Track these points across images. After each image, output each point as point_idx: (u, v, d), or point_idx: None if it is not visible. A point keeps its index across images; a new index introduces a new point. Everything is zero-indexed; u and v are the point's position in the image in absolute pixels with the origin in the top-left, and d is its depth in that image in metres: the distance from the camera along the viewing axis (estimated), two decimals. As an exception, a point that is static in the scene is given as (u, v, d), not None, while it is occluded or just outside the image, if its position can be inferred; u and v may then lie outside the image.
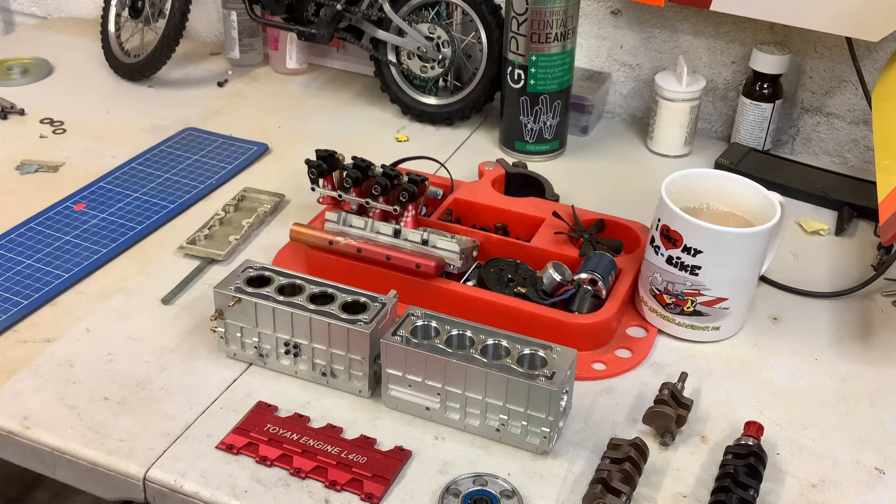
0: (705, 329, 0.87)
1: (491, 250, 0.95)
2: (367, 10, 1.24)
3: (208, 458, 0.74)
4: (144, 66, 1.37)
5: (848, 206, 1.09)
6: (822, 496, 0.73)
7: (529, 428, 0.75)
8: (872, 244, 1.05)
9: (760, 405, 0.82)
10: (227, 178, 1.14)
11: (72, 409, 0.79)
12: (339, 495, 0.71)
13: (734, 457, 0.72)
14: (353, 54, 1.42)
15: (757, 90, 1.18)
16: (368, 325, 0.78)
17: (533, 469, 0.74)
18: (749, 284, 0.88)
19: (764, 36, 1.20)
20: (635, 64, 1.30)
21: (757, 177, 0.95)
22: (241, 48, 1.44)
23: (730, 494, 0.69)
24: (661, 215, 0.86)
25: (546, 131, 1.20)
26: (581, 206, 1.00)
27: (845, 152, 1.23)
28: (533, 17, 1.12)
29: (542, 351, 0.76)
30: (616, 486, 0.68)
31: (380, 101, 1.34)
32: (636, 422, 0.79)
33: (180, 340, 0.87)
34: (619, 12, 1.27)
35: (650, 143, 1.24)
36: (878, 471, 0.75)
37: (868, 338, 0.91)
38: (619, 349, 0.87)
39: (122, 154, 1.19)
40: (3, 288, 0.93)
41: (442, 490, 0.71)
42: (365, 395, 0.81)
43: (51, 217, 1.05)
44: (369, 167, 0.95)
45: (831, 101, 1.21)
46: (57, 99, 1.34)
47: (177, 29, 1.33)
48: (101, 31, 1.42)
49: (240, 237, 1.01)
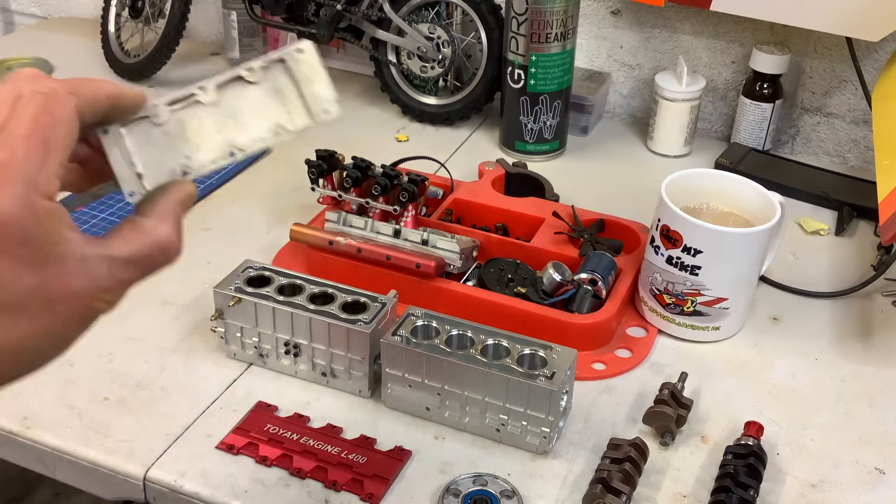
0: (705, 329, 0.87)
1: (491, 250, 0.95)
2: (367, 10, 1.24)
3: (208, 458, 0.74)
4: (144, 66, 1.36)
5: (848, 206, 1.09)
6: (822, 496, 0.73)
7: (529, 428, 0.75)
8: (872, 244, 1.05)
9: (760, 405, 0.82)
10: (228, 177, 1.14)
11: (72, 409, 0.79)
12: (339, 495, 0.71)
13: (734, 457, 0.72)
14: (353, 54, 1.42)
15: (757, 90, 1.18)
16: (368, 325, 0.78)
17: (533, 469, 0.74)
18: (749, 284, 0.88)
19: (764, 36, 1.20)
20: (635, 64, 1.30)
21: (757, 177, 0.95)
22: (241, 48, 1.44)
23: (730, 494, 0.69)
24: (661, 215, 0.86)
25: (546, 131, 1.20)
26: (581, 206, 1.00)
27: (845, 152, 1.23)
28: (533, 17, 1.12)
29: (542, 351, 0.75)
30: (616, 486, 0.68)
31: (380, 101, 1.34)
32: (636, 422, 0.79)
33: (180, 340, 0.87)
34: (619, 12, 1.27)
35: (650, 143, 1.24)
36: (878, 471, 0.75)
37: (868, 338, 0.91)
38: (619, 349, 0.87)
39: (122, 154, 1.19)
40: (3, 288, 0.93)
41: (442, 490, 0.71)
42: (365, 395, 0.81)
43: (51, 217, 1.05)
44: (369, 167, 0.95)
45: (831, 101, 1.21)
46: (57, 99, 1.34)
47: (177, 29, 1.33)
48: (101, 31, 1.42)
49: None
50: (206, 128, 0.48)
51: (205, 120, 0.48)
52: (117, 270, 0.42)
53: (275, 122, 0.49)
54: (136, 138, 0.48)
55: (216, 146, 0.49)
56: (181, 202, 0.47)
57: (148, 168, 0.48)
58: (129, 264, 0.43)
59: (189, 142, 0.48)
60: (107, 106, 0.45)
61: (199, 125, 0.48)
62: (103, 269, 0.42)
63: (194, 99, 0.48)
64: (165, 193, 0.47)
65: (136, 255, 0.43)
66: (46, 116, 0.41)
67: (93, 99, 0.44)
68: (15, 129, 0.40)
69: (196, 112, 0.48)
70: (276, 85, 0.49)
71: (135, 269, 0.43)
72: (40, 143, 0.40)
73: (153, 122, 0.48)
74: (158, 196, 0.47)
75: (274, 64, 0.49)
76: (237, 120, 0.49)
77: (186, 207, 0.47)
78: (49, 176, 0.40)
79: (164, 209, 0.46)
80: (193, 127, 0.48)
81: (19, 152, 0.39)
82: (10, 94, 0.41)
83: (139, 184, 0.48)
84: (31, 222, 0.39)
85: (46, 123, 0.40)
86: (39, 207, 0.39)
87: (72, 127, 0.42)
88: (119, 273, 0.43)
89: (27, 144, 0.39)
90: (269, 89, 0.49)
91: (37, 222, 0.39)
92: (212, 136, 0.48)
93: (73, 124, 0.42)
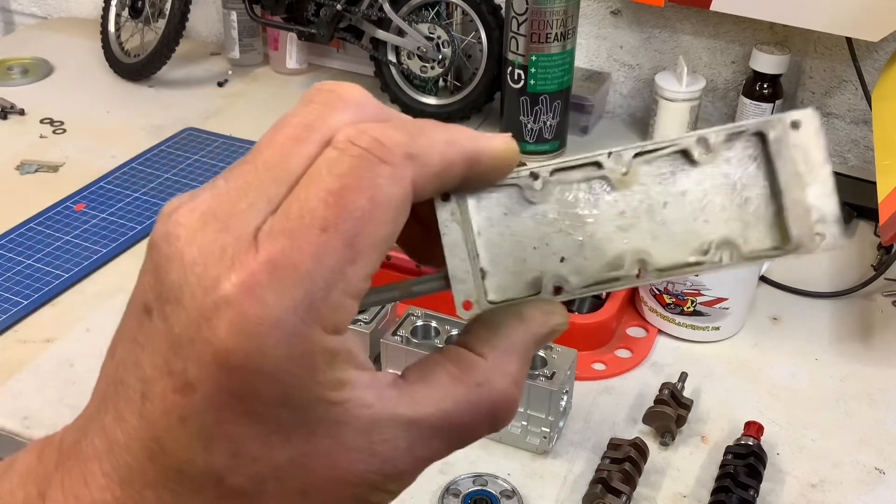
0: (705, 329, 0.87)
1: (491, 250, 0.95)
2: (367, 10, 1.24)
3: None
4: (144, 66, 1.36)
5: (848, 206, 1.09)
6: (822, 496, 0.73)
7: (529, 428, 0.75)
8: (872, 244, 1.05)
9: (760, 405, 0.81)
10: (227, 178, 1.14)
11: (72, 408, 0.79)
12: (339, 495, 0.71)
13: (734, 457, 0.72)
14: (353, 54, 1.42)
15: (757, 90, 1.18)
16: (368, 325, 0.78)
17: (533, 469, 0.74)
18: (749, 284, 0.88)
19: (764, 36, 1.20)
20: (635, 64, 1.30)
21: (757, 177, 0.94)
22: (241, 48, 1.44)
23: (730, 494, 0.69)
24: (661, 215, 0.86)
25: (546, 131, 1.20)
26: (581, 206, 1.00)
27: (845, 152, 1.23)
28: (533, 17, 1.12)
29: (542, 351, 0.75)
30: (616, 486, 0.68)
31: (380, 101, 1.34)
32: (636, 422, 0.79)
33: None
34: (619, 12, 1.27)
35: (650, 143, 1.24)
36: (878, 471, 0.75)
37: (868, 338, 0.90)
38: (619, 349, 0.87)
39: (122, 154, 1.19)
40: (3, 288, 0.93)
41: (442, 490, 0.71)
42: (365, 395, 0.81)
43: (51, 217, 1.05)
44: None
45: (831, 101, 1.21)
46: (57, 99, 1.34)
47: (177, 29, 1.33)
48: (101, 31, 1.42)
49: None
50: (602, 221, 0.31)
51: (602, 207, 0.31)
52: (419, 445, 0.27)
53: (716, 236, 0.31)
54: (487, 215, 0.31)
55: (610, 253, 0.31)
56: (538, 338, 0.30)
57: (497, 266, 0.31)
58: (440, 433, 0.27)
59: (569, 236, 0.31)
60: (459, 176, 0.28)
61: (589, 213, 0.31)
62: (399, 442, 0.26)
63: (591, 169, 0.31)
64: (518, 320, 0.30)
65: (452, 419, 0.27)
66: (362, 197, 0.25)
67: (440, 168, 0.27)
68: (308, 207, 0.24)
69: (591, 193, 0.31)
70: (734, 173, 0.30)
71: (444, 442, 0.27)
72: (343, 244, 0.24)
73: (524, 194, 0.31)
74: (505, 320, 0.30)
75: (741, 138, 0.30)
76: (653, 216, 0.31)
77: (541, 346, 0.31)
78: (343, 298, 0.25)
79: (509, 346, 0.29)
80: (580, 214, 0.31)
81: (304, 253, 0.24)
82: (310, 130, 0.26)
83: (479, 288, 0.31)
84: (300, 372, 0.24)
85: (360, 209, 0.25)
86: (318, 349, 0.24)
87: (398, 219, 0.26)
88: (421, 449, 0.27)
89: (321, 241, 0.24)
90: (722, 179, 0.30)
91: (310, 372, 0.25)
92: (607, 237, 0.31)
93: (402, 213, 0.26)
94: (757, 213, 0.30)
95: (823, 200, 0.30)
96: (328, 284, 0.24)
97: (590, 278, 0.31)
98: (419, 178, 0.26)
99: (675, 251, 0.31)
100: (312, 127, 0.26)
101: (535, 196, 0.31)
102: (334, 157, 0.25)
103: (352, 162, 0.25)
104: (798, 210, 0.30)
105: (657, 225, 0.30)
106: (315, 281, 0.24)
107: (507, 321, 0.30)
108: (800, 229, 0.30)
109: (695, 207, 0.30)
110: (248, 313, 0.23)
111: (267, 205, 0.25)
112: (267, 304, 0.24)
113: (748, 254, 0.30)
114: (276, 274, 0.24)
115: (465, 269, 0.31)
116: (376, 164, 0.25)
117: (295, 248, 0.24)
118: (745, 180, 0.30)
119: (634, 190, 0.30)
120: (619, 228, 0.31)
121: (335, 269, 0.24)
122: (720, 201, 0.30)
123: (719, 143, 0.30)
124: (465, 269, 0.31)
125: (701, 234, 0.30)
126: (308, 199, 0.24)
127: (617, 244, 0.31)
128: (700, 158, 0.30)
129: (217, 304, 0.24)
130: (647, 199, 0.30)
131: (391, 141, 0.26)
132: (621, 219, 0.31)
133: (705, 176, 0.30)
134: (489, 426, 0.28)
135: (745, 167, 0.30)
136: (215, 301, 0.24)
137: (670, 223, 0.30)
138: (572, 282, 0.31)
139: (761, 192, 0.30)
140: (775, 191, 0.30)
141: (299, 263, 0.24)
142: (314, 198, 0.24)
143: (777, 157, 0.30)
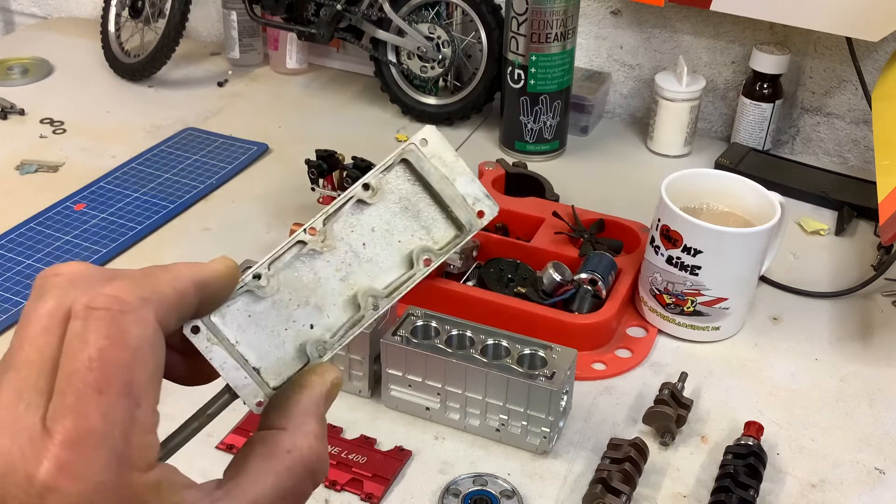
0: (705, 329, 0.87)
1: (491, 250, 0.95)
2: (367, 10, 1.24)
3: (208, 458, 0.74)
4: (144, 66, 1.37)
5: (848, 206, 1.09)
6: (822, 496, 0.73)
7: (529, 428, 0.75)
8: (872, 244, 1.05)
9: (760, 405, 0.82)
10: (228, 178, 1.14)
11: (72, 409, 0.79)
12: (339, 495, 0.71)
13: (734, 457, 0.72)
14: (353, 54, 1.42)
15: (757, 90, 1.18)
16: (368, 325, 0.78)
17: (533, 469, 0.74)
18: (749, 284, 0.88)
19: (764, 36, 1.20)
20: (635, 64, 1.30)
21: (757, 177, 0.95)
22: (241, 48, 1.44)
23: (730, 494, 0.69)
24: (661, 215, 0.86)
25: (546, 131, 1.20)
26: (581, 206, 1.00)
27: (845, 152, 1.23)
28: (533, 17, 1.12)
29: (542, 351, 0.75)
30: (616, 486, 0.68)
31: (380, 101, 1.34)
32: (636, 422, 0.79)
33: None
34: (619, 12, 1.27)
35: (650, 143, 1.24)
36: (878, 471, 0.75)
37: (868, 338, 0.91)
38: (619, 349, 0.87)
39: (122, 154, 1.19)
40: (3, 288, 0.93)
41: (442, 490, 0.71)
42: (365, 395, 0.81)
43: (51, 217, 1.05)
44: (369, 167, 0.95)
45: (831, 101, 1.21)
46: (57, 99, 1.34)
47: (177, 29, 1.33)
48: (101, 31, 1.42)
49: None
50: (326, 281, 0.37)
51: (321, 272, 0.37)
52: None
53: (413, 248, 0.38)
54: (236, 324, 0.35)
55: (345, 302, 0.37)
56: (323, 397, 0.34)
57: (265, 358, 0.36)
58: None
59: (307, 306, 0.36)
60: (195, 302, 0.32)
61: (313, 280, 0.36)
62: None
63: (298, 248, 0.36)
64: (301, 388, 0.34)
65: (279, 489, 0.31)
66: (119, 348, 0.28)
67: (175, 299, 0.31)
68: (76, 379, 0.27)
69: (308, 264, 0.36)
70: (401, 196, 0.37)
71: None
72: (121, 396, 0.27)
73: (257, 294, 0.36)
74: (291, 394, 0.34)
75: (392, 169, 0.37)
76: (360, 259, 0.37)
77: (331, 402, 0.35)
78: (143, 437, 0.28)
79: (302, 412, 0.33)
80: (307, 285, 0.36)
81: (93, 419, 0.27)
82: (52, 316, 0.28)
83: (261, 384, 0.36)
84: None
85: (121, 360, 0.28)
86: (143, 489, 0.28)
87: (157, 353, 0.30)
88: None
89: (102, 402, 0.27)
90: (394, 206, 0.37)
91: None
92: (336, 291, 0.37)
93: (158, 348, 0.30)
94: (432, 217, 0.37)
95: (470, 186, 0.37)
96: (125, 434, 0.27)
97: (341, 329, 0.37)
98: (160, 314, 0.29)
99: (389, 274, 0.38)
100: (54, 313, 0.28)
101: (265, 291, 0.35)
102: (80, 326, 0.27)
103: (96, 324, 0.27)
104: (458, 201, 0.37)
105: (367, 263, 0.37)
106: (113, 437, 0.27)
107: (293, 394, 0.34)
108: (465, 214, 0.37)
109: (386, 236, 0.37)
110: (71, 491, 0.26)
111: (41, 396, 0.27)
112: (83, 476, 0.26)
113: (442, 249, 0.38)
114: (78, 448, 0.26)
115: (243, 376, 0.35)
116: (118, 316, 0.28)
117: (82, 419, 0.26)
118: (412, 198, 0.37)
119: (338, 246, 0.37)
120: (341, 281, 0.37)
121: (125, 419, 0.27)
122: (402, 223, 0.37)
123: (379, 181, 0.37)
124: (241, 376, 0.35)
125: (402, 251, 0.37)
126: (75, 373, 0.27)
127: (346, 293, 0.37)
128: (371, 199, 0.37)
129: (41, 494, 0.26)
130: (349, 248, 0.37)
131: (124, 292, 0.28)
132: (339, 272, 0.37)
133: (381, 210, 0.37)
134: (311, 481, 0.32)
135: (407, 189, 0.37)
136: (38, 492, 0.26)
137: (376, 257, 0.37)
138: (329, 340, 0.37)
139: (428, 201, 0.37)
140: (435, 196, 0.37)
141: (93, 429, 0.26)
142: (80, 369, 0.27)
143: (423, 171, 0.37)
